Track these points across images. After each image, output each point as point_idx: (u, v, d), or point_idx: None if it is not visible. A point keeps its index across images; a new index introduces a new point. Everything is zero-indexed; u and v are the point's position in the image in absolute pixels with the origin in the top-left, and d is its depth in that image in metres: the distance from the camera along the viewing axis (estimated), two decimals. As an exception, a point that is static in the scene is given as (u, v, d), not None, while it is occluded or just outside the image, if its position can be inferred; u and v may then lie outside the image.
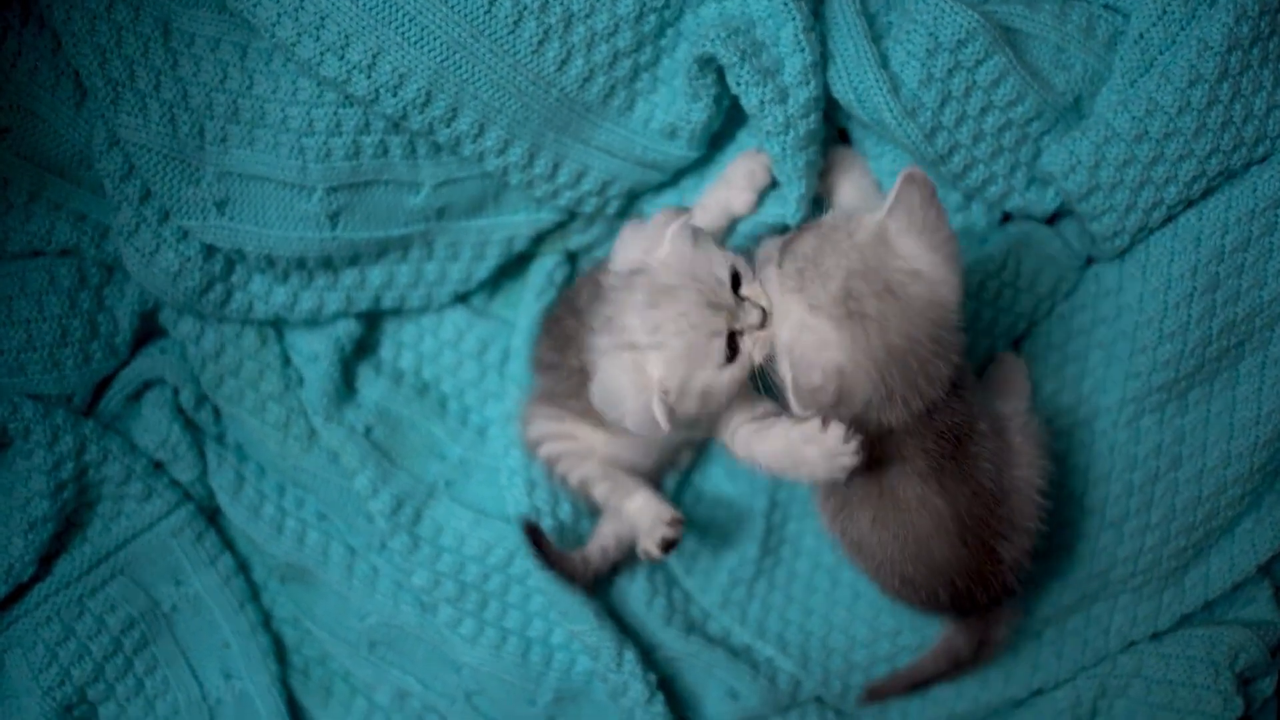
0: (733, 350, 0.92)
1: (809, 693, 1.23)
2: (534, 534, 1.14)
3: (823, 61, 1.05)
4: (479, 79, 1.05)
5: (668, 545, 1.02)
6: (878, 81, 1.04)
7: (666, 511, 1.03)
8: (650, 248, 0.94)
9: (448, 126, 1.07)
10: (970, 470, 0.98)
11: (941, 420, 0.95)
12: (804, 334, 0.90)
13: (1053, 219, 1.16)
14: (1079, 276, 1.15)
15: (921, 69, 1.04)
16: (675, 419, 0.91)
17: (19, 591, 1.14)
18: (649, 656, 1.20)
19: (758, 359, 0.93)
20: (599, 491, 1.08)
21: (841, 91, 1.06)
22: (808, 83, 1.03)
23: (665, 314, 0.90)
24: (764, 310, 0.93)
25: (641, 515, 1.04)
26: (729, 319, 0.91)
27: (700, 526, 1.23)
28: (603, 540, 1.15)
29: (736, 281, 0.93)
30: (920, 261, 0.89)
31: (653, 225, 0.95)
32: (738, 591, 1.23)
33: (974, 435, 0.98)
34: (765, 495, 1.22)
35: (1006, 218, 1.16)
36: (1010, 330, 1.13)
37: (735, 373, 0.92)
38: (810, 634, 1.23)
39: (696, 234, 0.94)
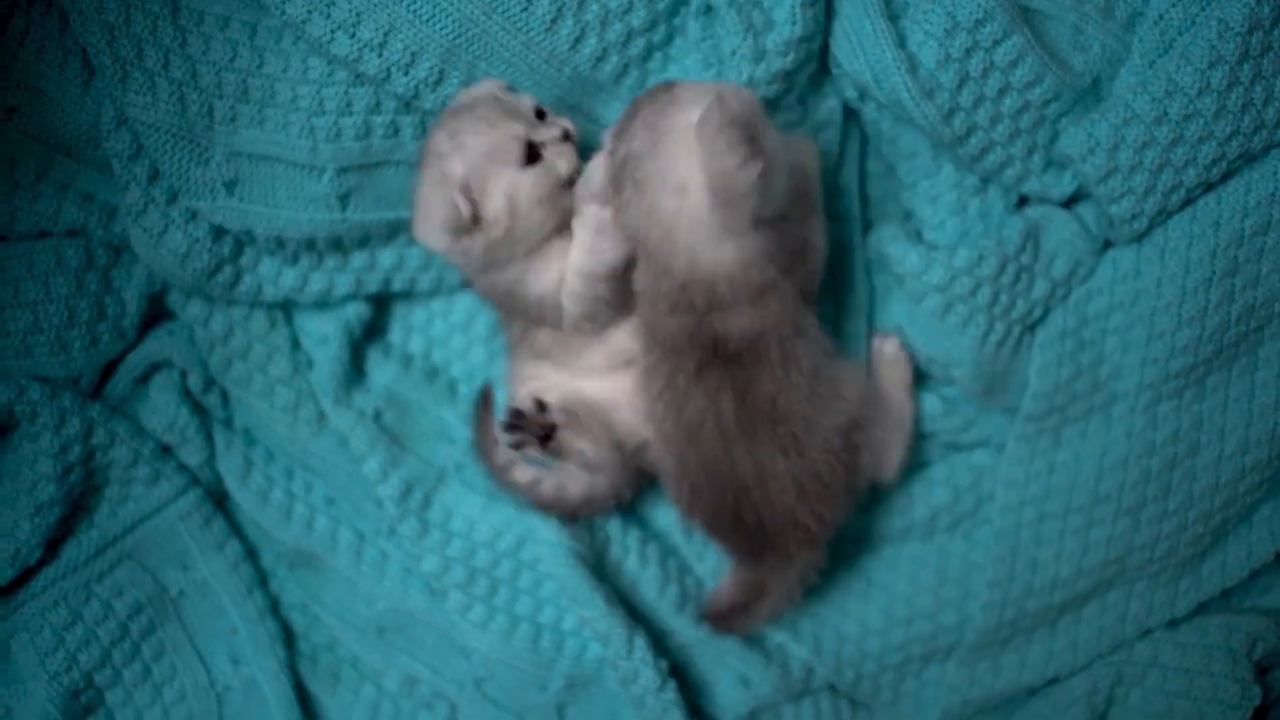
0: (533, 159, 0.98)
1: (822, 680, 1.22)
2: (485, 399, 1.17)
3: (816, 46, 1.05)
4: (491, 57, 1.04)
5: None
6: (895, 61, 1.03)
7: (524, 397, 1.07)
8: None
9: (460, 105, 1.06)
10: (752, 379, 0.97)
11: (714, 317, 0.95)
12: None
13: (1069, 203, 1.14)
14: (1096, 261, 1.14)
15: (939, 49, 1.02)
16: (489, 230, 0.98)
17: (25, 576, 1.13)
18: (660, 643, 1.19)
19: (563, 170, 0.99)
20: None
21: (858, 71, 1.05)
22: (785, 55, 1.01)
23: (464, 121, 0.99)
24: (566, 129, 1.00)
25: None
26: (528, 128, 0.99)
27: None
28: (565, 480, 1.14)
29: (541, 114, 1.01)
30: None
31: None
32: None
33: (764, 355, 0.96)
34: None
35: (1023, 201, 1.15)
36: (1027, 315, 1.12)
37: (539, 178, 0.98)
38: (823, 621, 1.22)
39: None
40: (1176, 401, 1.13)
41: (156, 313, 1.21)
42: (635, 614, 1.18)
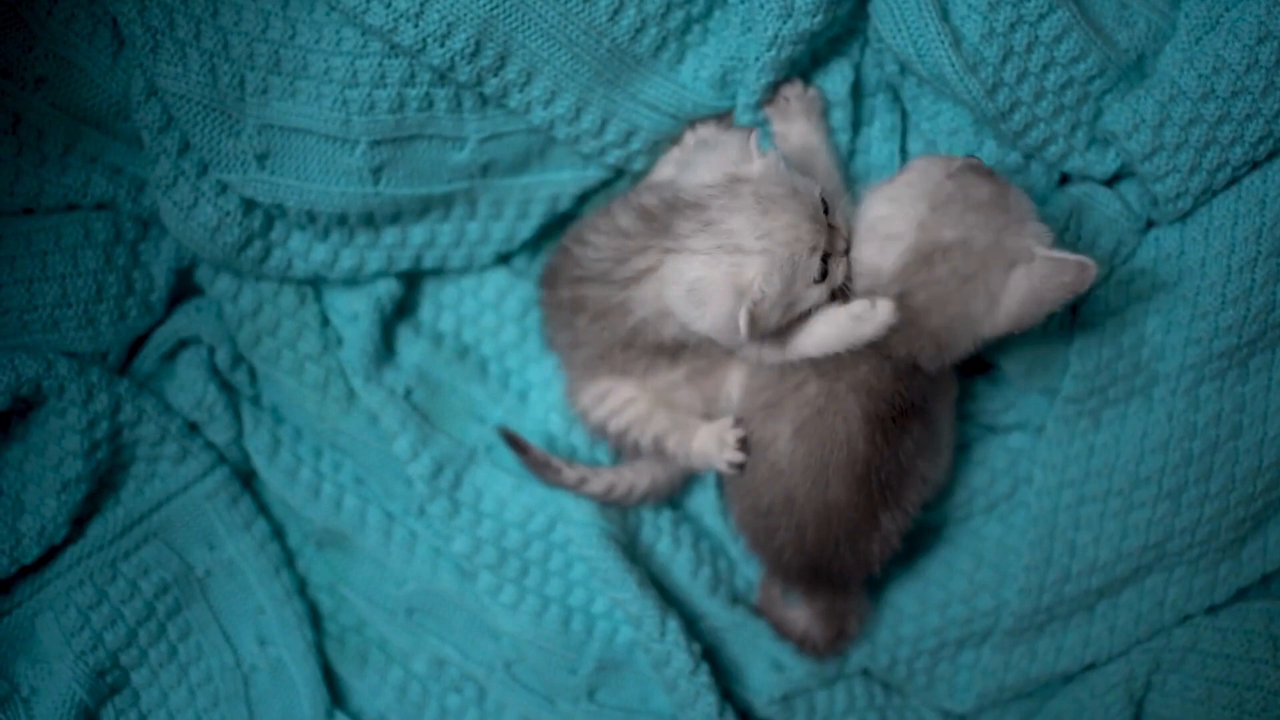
0: (823, 271, 0.93)
1: (856, 665, 1.21)
2: (513, 441, 1.16)
3: (843, 12, 1.04)
4: (529, 28, 1.03)
5: (737, 462, 1.07)
6: (939, 35, 1.01)
7: (730, 433, 1.07)
8: (739, 160, 0.94)
9: (495, 76, 1.04)
10: (899, 438, 1.01)
11: (909, 379, 0.99)
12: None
13: (1110, 181, 1.13)
14: (1138, 240, 1.12)
15: (984, 23, 1.01)
16: (755, 329, 0.92)
17: (50, 554, 1.12)
18: (693, 627, 1.17)
19: (838, 282, 0.95)
20: (672, 442, 1.07)
21: (901, 45, 1.03)
22: (814, 15, 0.99)
23: (776, 223, 0.91)
24: (847, 239, 0.96)
25: (709, 441, 1.07)
26: (828, 239, 0.93)
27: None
28: (640, 476, 1.15)
29: (826, 206, 0.94)
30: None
31: (731, 140, 0.96)
32: (784, 559, 1.20)
33: (919, 411, 1.01)
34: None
35: (1064, 180, 1.13)
36: (1069, 295, 1.10)
37: (821, 292, 0.94)
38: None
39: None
40: (1219, 383, 1.11)
41: (184, 288, 1.19)
42: (667, 597, 1.17)
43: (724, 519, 1.20)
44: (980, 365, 1.17)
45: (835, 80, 1.08)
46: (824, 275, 0.93)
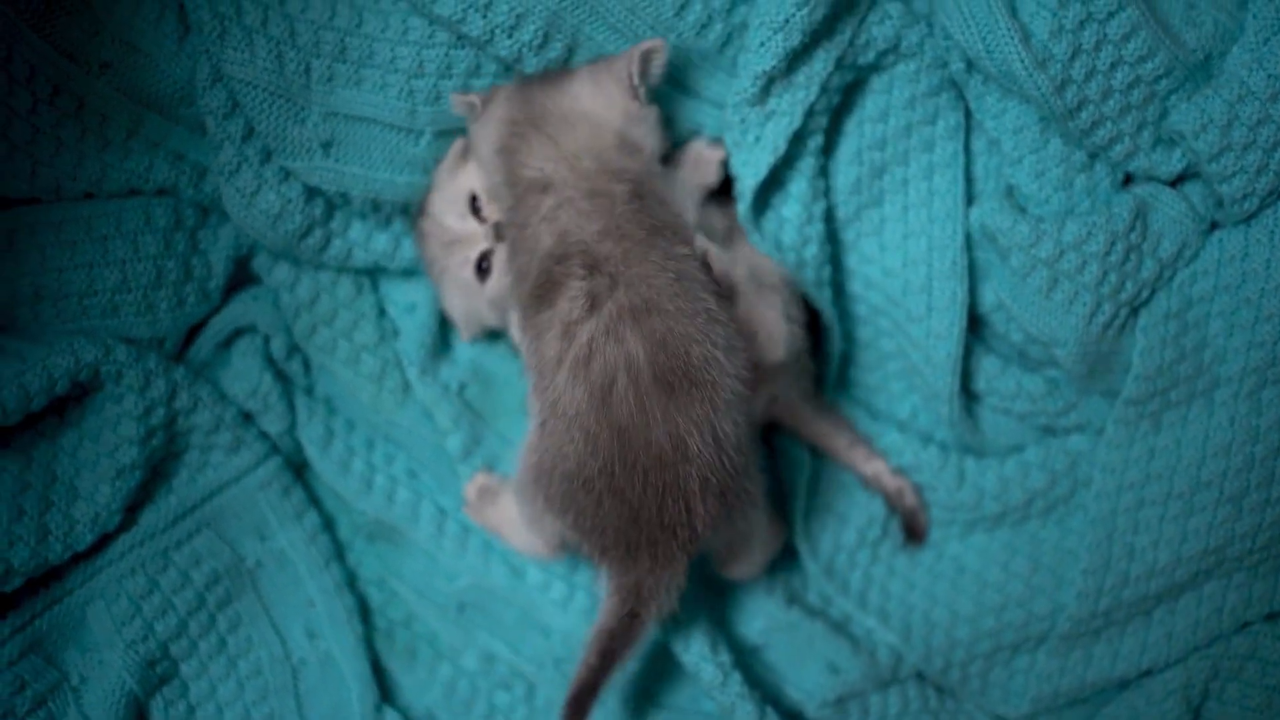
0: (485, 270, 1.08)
1: (910, 668, 1.19)
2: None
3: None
4: (596, 21, 1.03)
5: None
6: (1008, 31, 1.01)
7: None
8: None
9: (563, 70, 1.04)
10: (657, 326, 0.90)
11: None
12: None
13: (1175, 182, 1.12)
14: (1202, 242, 1.11)
15: (1053, 19, 1.00)
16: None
17: (103, 541, 1.11)
18: (731, 634, 1.16)
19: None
20: None
21: (969, 41, 1.03)
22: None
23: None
24: (497, 225, 1.06)
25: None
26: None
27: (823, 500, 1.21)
28: None
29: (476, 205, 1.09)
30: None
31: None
32: (840, 559, 1.19)
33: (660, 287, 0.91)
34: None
35: (1128, 180, 1.12)
36: (1134, 297, 1.10)
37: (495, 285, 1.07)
38: (912, 608, 1.19)
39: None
40: (1282, 387, 1.11)
41: (242, 277, 1.19)
42: (719, 596, 1.15)
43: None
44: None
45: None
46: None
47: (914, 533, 1.21)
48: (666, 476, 0.91)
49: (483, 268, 1.09)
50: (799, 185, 1.09)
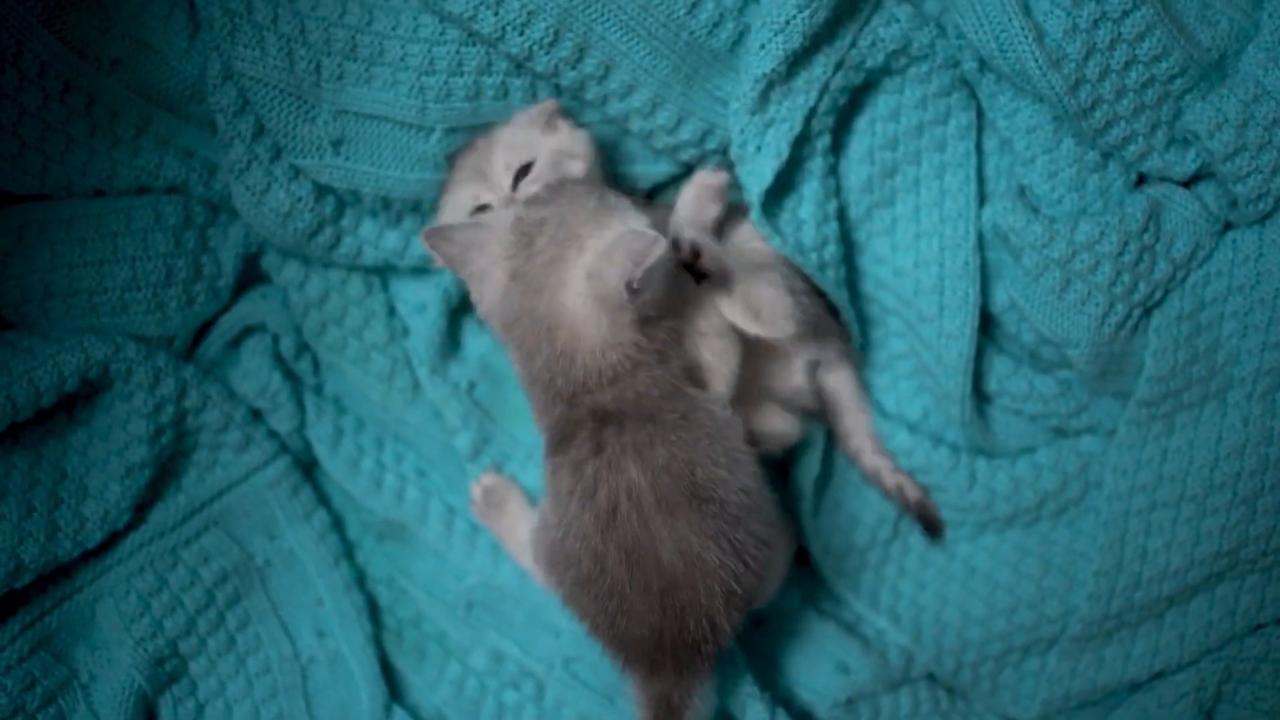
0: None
1: (921, 669, 1.19)
2: None
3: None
4: (608, 19, 1.02)
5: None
6: (1022, 30, 1.00)
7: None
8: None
9: (574, 69, 1.04)
10: (660, 455, 0.91)
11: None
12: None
13: (1188, 183, 1.11)
14: (1215, 243, 1.11)
15: (1067, 18, 1.00)
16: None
17: (112, 540, 1.11)
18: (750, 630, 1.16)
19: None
20: None
21: (982, 40, 1.02)
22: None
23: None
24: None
25: None
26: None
27: (833, 499, 1.21)
28: None
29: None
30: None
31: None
32: (851, 560, 1.19)
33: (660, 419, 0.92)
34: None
35: (1141, 180, 1.12)
36: (1147, 298, 1.09)
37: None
38: (923, 609, 1.19)
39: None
40: (1297, 388, 1.10)
41: (251, 275, 1.19)
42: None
43: (792, 514, 1.19)
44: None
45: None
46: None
47: (930, 525, 1.19)
48: (684, 596, 0.92)
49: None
50: (810, 186, 1.09)
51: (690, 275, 1.01)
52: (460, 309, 1.18)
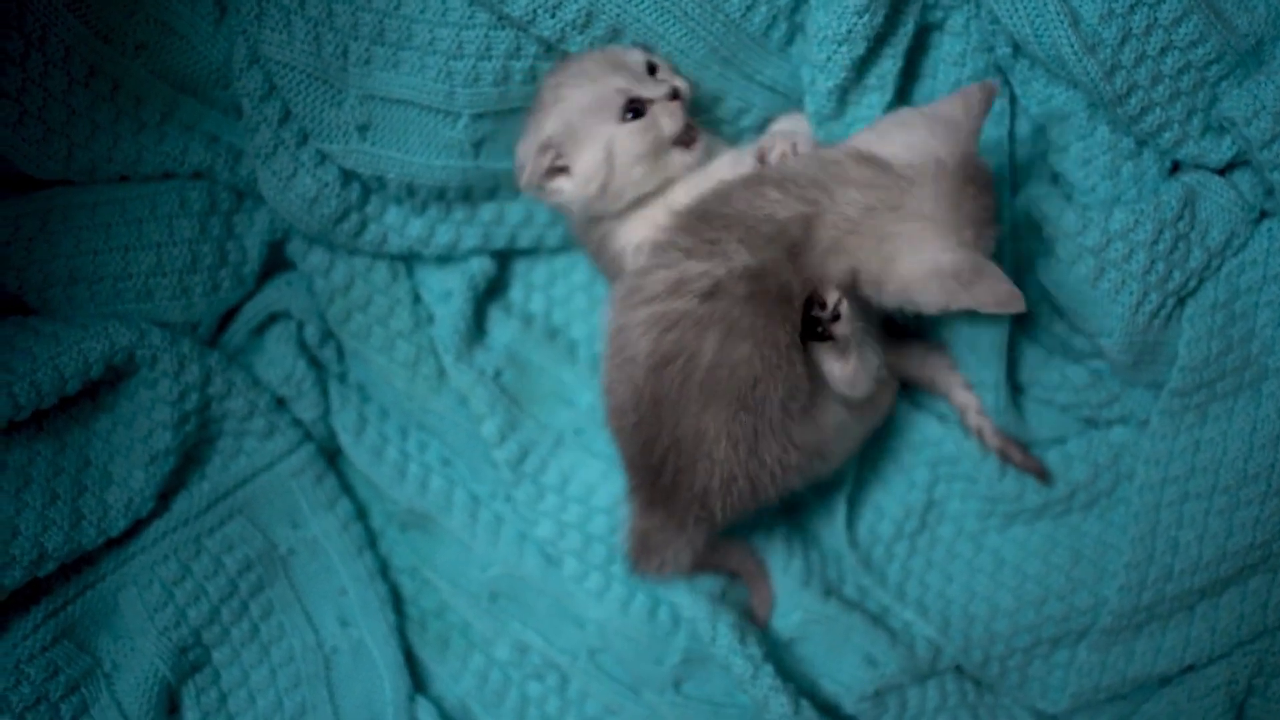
0: (637, 114, 0.98)
1: (949, 661, 1.18)
2: None
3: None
4: (642, 1, 1.01)
5: None
6: (1058, 14, 0.99)
7: None
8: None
9: (609, 52, 1.03)
10: (738, 351, 0.89)
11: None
12: None
13: (1224, 170, 1.10)
14: (1250, 231, 1.10)
15: (1103, 3, 0.99)
16: (584, 185, 0.99)
17: (135, 528, 1.10)
18: (779, 622, 1.15)
19: (667, 129, 0.98)
20: None
21: (1017, 25, 1.01)
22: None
23: (568, 74, 1.00)
24: (676, 87, 0.99)
25: None
26: (633, 83, 0.98)
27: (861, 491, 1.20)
28: None
29: (653, 69, 1.00)
30: None
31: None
32: (877, 551, 1.18)
33: (793, 361, 0.91)
34: (927, 468, 1.20)
35: (1175, 168, 1.11)
36: (1182, 287, 1.08)
37: (639, 134, 0.98)
38: (951, 600, 1.18)
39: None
40: (1332, 379, 1.09)
41: (276, 261, 1.18)
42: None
43: (814, 510, 1.18)
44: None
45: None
46: (635, 115, 0.97)
47: (1041, 475, 1.17)
48: (683, 463, 0.93)
49: (635, 109, 0.98)
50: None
51: (802, 324, 0.93)
52: (485, 297, 1.18)
